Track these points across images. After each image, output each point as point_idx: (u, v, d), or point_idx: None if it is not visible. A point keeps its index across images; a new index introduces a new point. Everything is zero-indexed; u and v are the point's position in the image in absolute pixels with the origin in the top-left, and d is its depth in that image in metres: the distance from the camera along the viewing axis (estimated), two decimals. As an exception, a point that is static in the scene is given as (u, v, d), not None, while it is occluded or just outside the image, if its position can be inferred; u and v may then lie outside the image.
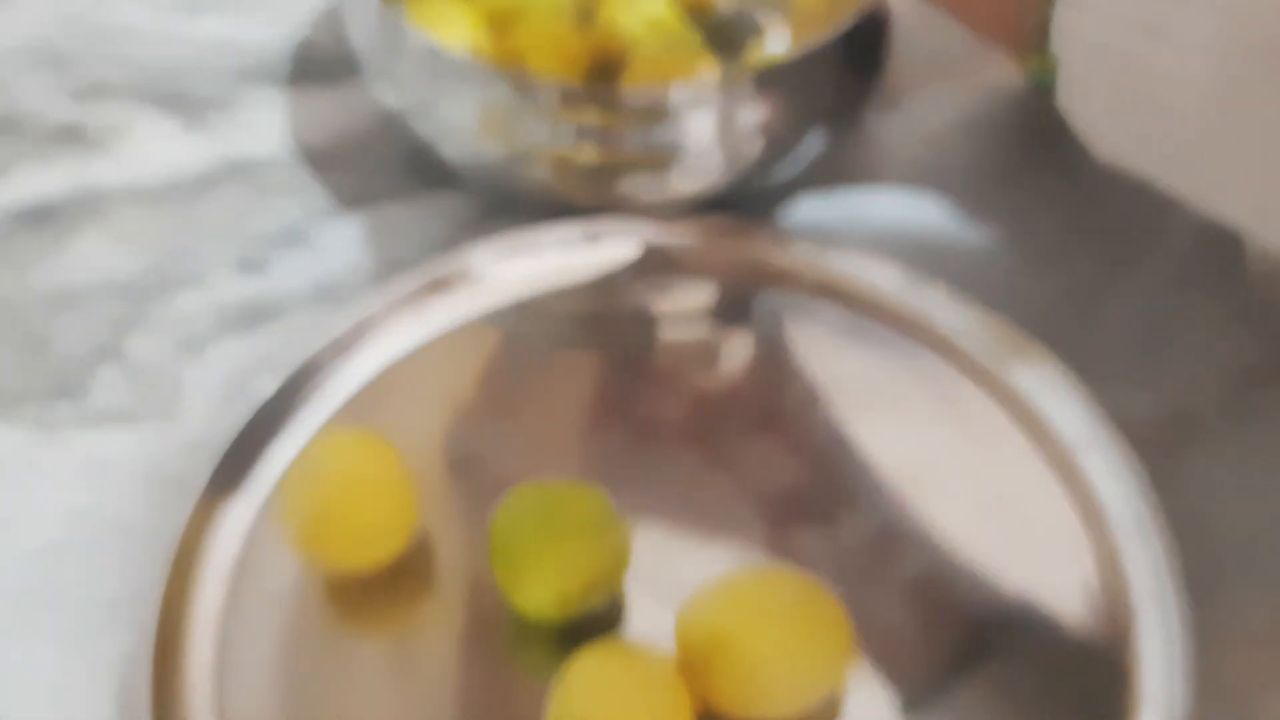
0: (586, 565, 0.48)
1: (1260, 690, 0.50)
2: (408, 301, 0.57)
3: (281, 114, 0.67)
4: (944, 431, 0.55)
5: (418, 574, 0.51)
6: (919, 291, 0.57)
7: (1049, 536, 0.52)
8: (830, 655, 0.47)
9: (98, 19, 0.70)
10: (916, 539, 0.52)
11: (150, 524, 0.53)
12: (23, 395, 0.57)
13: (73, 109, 0.67)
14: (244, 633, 0.50)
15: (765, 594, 0.47)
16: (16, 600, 0.52)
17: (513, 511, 0.49)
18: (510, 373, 0.57)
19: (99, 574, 0.52)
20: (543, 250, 0.59)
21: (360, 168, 0.64)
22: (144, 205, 0.63)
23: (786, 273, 0.59)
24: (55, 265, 0.61)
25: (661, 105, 0.57)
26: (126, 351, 0.58)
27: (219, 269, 0.61)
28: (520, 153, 0.58)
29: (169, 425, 0.56)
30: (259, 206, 0.63)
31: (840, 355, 0.57)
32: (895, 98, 0.67)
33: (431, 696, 0.49)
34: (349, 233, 0.62)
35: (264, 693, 0.49)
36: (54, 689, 0.50)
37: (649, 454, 0.54)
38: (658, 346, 0.58)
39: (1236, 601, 0.51)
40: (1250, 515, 0.54)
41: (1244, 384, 0.57)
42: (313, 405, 0.55)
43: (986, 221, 0.62)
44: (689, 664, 0.46)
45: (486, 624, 0.50)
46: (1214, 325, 0.59)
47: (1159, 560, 0.50)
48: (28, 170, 0.64)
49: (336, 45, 0.69)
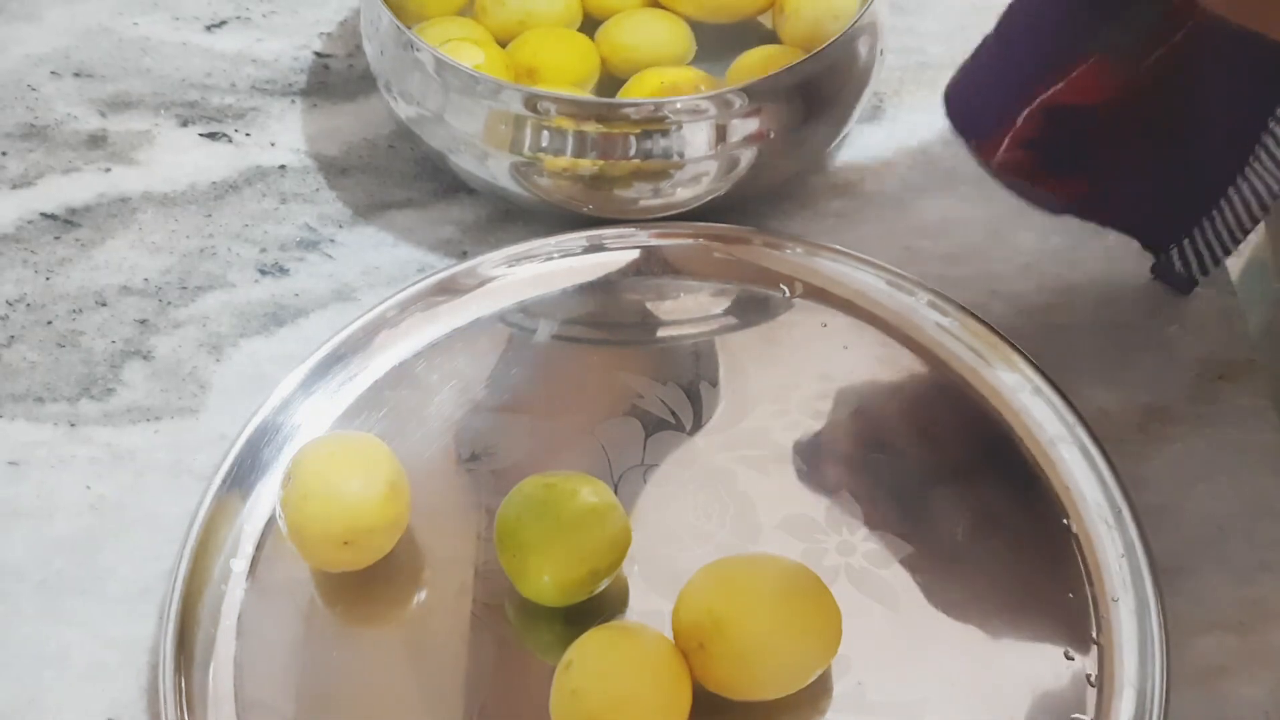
0: (589, 553, 0.49)
1: (1229, 674, 0.51)
2: (419, 303, 0.59)
3: (299, 125, 0.67)
4: (927, 426, 0.56)
5: (428, 563, 0.52)
6: (903, 294, 0.59)
7: (1027, 528, 0.53)
8: (821, 638, 0.48)
9: (121, 33, 0.71)
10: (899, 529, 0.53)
11: (173, 516, 0.54)
12: (51, 393, 0.58)
13: (98, 119, 0.67)
14: (263, 620, 0.51)
15: (759, 579, 0.48)
16: (46, 589, 0.53)
17: (518, 503, 0.50)
18: (516, 371, 0.58)
19: (124, 564, 0.54)
20: (547, 255, 0.60)
21: (374, 177, 0.65)
22: (167, 211, 0.64)
23: (779, 276, 0.60)
24: (82, 269, 0.62)
25: (660, 117, 0.58)
26: (151, 351, 0.59)
27: (239, 272, 0.62)
28: (526, 162, 0.59)
29: (191, 421, 0.57)
30: (278, 213, 0.64)
31: (830, 354, 0.58)
32: (883, 108, 0.67)
33: (442, 679, 0.50)
34: (363, 238, 0.63)
35: (282, 677, 0.50)
36: (81, 674, 0.51)
37: (649, 448, 0.55)
38: (658, 346, 0.59)
39: (1206, 589, 0.52)
40: (1218, 506, 0.55)
41: (1211, 378, 0.58)
42: (329, 401, 0.56)
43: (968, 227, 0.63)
44: (686, 646, 0.47)
45: (494, 610, 0.51)
46: (1182, 322, 0.60)
47: (1132, 549, 0.51)
48: (55, 178, 0.65)
49: (351, 59, 0.70)
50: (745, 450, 0.55)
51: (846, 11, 0.62)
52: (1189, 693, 0.50)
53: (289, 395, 0.56)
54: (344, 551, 0.50)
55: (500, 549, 0.50)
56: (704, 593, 0.48)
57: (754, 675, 0.47)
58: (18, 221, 0.64)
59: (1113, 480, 0.53)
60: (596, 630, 0.48)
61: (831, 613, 0.48)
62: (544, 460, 0.54)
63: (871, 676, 0.50)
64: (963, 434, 0.56)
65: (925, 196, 0.64)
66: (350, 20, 0.71)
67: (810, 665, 0.48)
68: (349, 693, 0.49)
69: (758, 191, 0.62)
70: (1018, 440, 0.55)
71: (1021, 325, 0.58)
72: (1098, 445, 0.54)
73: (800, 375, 0.57)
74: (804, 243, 0.60)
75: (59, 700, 0.51)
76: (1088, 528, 0.52)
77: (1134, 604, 0.50)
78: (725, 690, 0.48)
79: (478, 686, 0.50)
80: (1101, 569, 0.51)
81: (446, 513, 0.53)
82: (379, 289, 0.61)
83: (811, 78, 0.60)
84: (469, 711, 0.49)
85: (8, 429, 0.57)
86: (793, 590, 0.48)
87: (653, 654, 0.47)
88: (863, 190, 0.65)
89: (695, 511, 0.54)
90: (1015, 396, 0.56)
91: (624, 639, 0.48)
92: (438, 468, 0.55)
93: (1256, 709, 0.50)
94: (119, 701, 0.51)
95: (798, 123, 0.60)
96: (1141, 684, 0.49)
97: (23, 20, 0.71)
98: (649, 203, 0.60)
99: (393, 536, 0.51)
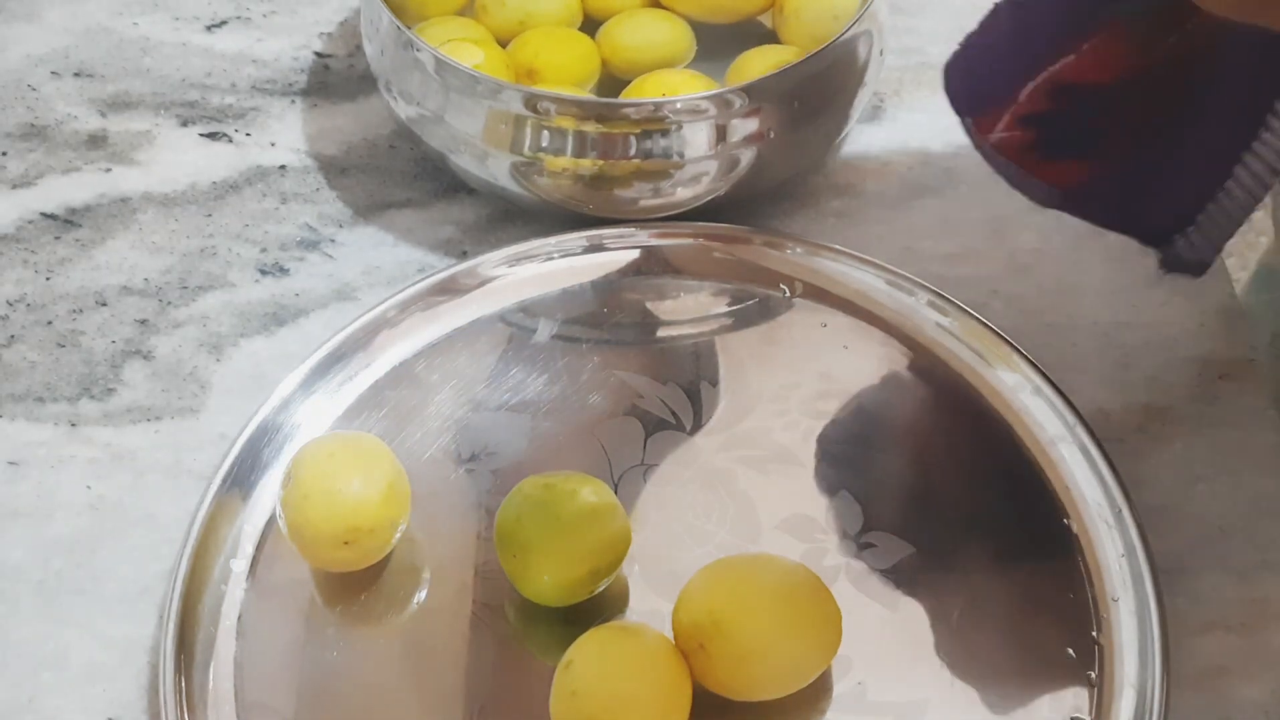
0: (589, 553, 0.49)
1: (1229, 674, 0.51)
2: (419, 303, 0.59)
3: (299, 124, 0.67)
4: (927, 426, 0.56)
5: (428, 563, 0.53)
6: (903, 294, 0.59)
7: (1027, 527, 0.53)
8: (821, 638, 0.48)
9: (121, 33, 0.71)
10: (900, 528, 0.53)
11: (173, 516, 0.54)
12: (51, 393, 0.58)
13: (98, 119, 0.67)
14: (263, 620, 0.51)
15: (759, 579, 0.48)
16: (45, 589, 0.53)
17: (518, 503, 0.50)
18: (516, 371, 0.58)
19: (124, 564, 0.54)
20: (547, 255, 0.60)
21: (374, 177, 0.65)
22: (167, 211, 0.64)
23: (779, 276, 0.60)
24: (82, 269, 0.62)
25: (660, 117, 0.58)
26: (151, 351, 0.59)
27: (240, 272, 0.62)
28: (526, 162, 0.59)
29: (191, 421, 0.57)
30: (278, 213, 0.64)
31: (830, 353, 0.58)
32: (883, 108, 0.67)
33: (442, 679, 0.50)
34: (363, 238, 0.63)
35: (282, 677, 0.50)
36: (81, 675, 0.51)
37: (649, 448, 0.55)
38: (658, 346, 0.59)
39: (1206, 589, 0.53)
40: (1219, 506, 0.55)
41: (1212, 378, 0.58)
42: (329, 401, 0.56)
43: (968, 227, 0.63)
44: (687, 646, 0.48)
45: (494, 610, 0.51)
46: (1182, 322, 0.60)
47: (1132, 549, 0.51)
48: (55, 178, 0.65)
49: (351, 59, 0.70)
50: (745, 450, 0.55)
51: (846, 11, 0.62)
52: (1189, 693, 0.50)
53: (289, 395, 0.56)
54: (344, 551, 0.50)
55: (500, 550, 0.50)
56: (704, 593, 0.48)
57: (754, 676, 0.47)
58: (18, 221, 0.64)
59: (1113, 480, 0.53)
60: (596, 630, 0.48)
61: (831, 613, 0.48)
62: (544, 460, 0.55)
63: (871, 676, 0.50)
64: (963, 434, 0.56)
65: (925, 196, 0.64)
66: (350, 20, 0.71)
67: (810, 665, 0.48)
68: (349, 693, 0.50)
69: (758, 191, 0.62)
70: (1018, 440, 0.55)
71: (1021, 325, 0.58)
72: (1098, 445, 0.54)
73: (800, 375, 0.57)
74: (804, 243, 0.60)
75: (58, 701, 0.51)
76: (1088, 528, 0.52)
77: (1134, 604, 0.50)
78: (725, 691, 0.48)
79: (478, 686, 0.50)
80: (1101, 569, 0.51)
81: (446, 513, 0.54)
82: (379, 289, 0.61)
83: (811, 78, 0.60)
84: (469, 711, 0.49)
85: (8, 429, 0.57)
86: (793, 590, 0.48)
87: (653, 654, 0.47)
88: (863, 190, 0.65)
89: (695, 511, 0.54)
90: (1015, 396, 0.56)
91: (624, 639, 0.48)
92: (438, 468, 0.55)
93: (1256, 709, 0.50)
94: (119, 701, 0.51)
95: (798, 123, 0.60)
96: (1141, 684, 0.49)
97: (23, 20, 0.71)
98: (649, 203, 0.60)
99: (393, 536, 0.51)
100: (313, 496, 0.50)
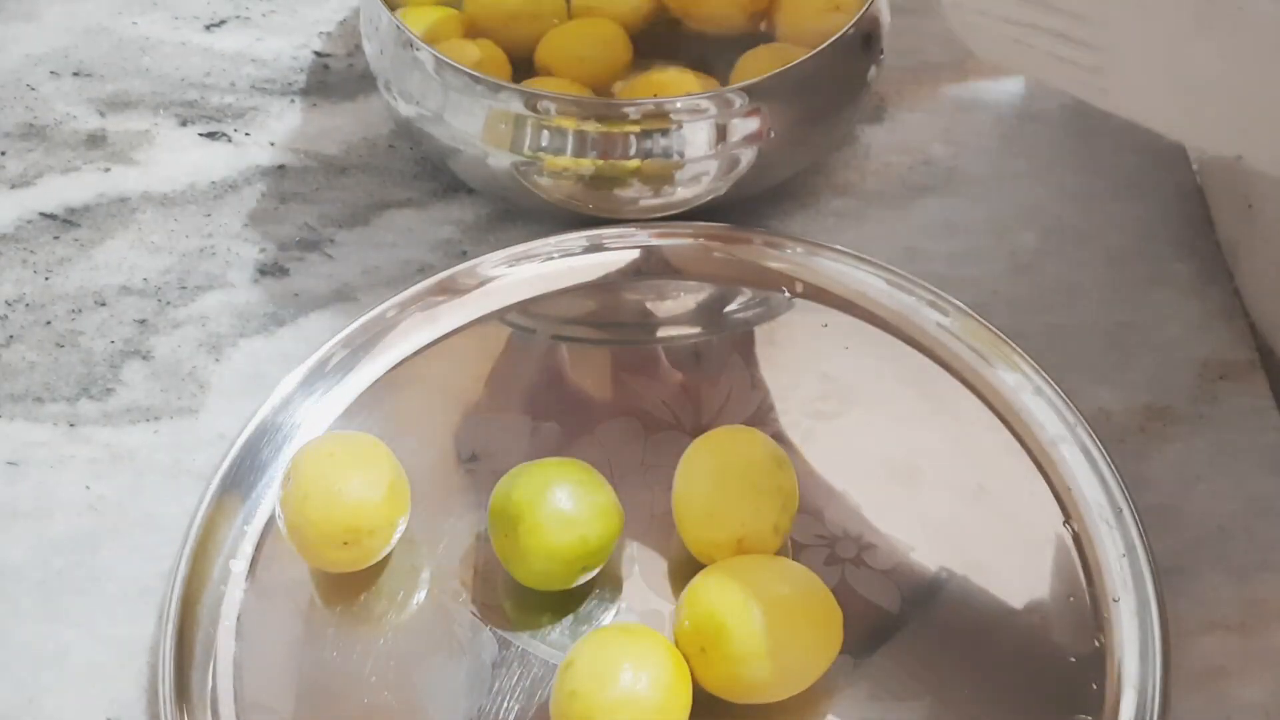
0: (576, 519, 0.49)
1: (1229, 674, 0.51)
2: (419, 303, 0.59)
3: (298, 124, 0.67)
4: (928, 427, 0.56)
5: (428, 563, 0.52)
6: (904, 294, 0.59)
7: (1028, 528, 0.53)
8: (822, 640, 0.48)
9: (121, 32, 0.71)
10: (901, 529, 0.53)
11: (173, 516, 0.54)
12: (50, 393, 0.58)
13: (97, 119, 0.67)
14: (263, 620, 0.51)
15: (761, 582, 0.48)
16: (45, 589, 0.53)
17: (505, 482, 0.50)
18: (516, 371, 0.58)
19: (124, 564, 0.54)
20: (547, 255, 0.60)
21: (374, 176, 0.65)
22: (166, 211, 0.64)
23: (780, 276, 0.60)
24: (81, 269, 0.62)
25: (660, 117, 0.58)
26: (150, 351, 0.59)
27: (239, 272, 0.62)
28: (526, 162, 0.59)
29: (191, 421, 0.57)
30: (277, 213, 0.64)
31: (830, 354, 0.58)
32: (883, 108, 0.68)
33: (441, 679, 0.50)
34: (363, 238, 0.63)
35: (282, 677, 0.50)
36: (81, 675, 0.51)
37: (649, 448, 0.55)
38: (658, 346, 0.59)
39: (1206, 589, 0.52)
40: (1219, 506, 0.55)
41: (1212, 378, 0.58)
42: (329, 401, 0.56)
43: (968, 227, 0.63)
44: (689, 650, 0.48)
45: (494, 610, 0.51)
46: (1182, 322, 0.60)
47: (1133, 549, 0.51)
48: (54, 178, 0.65)
49: (351, 59, 0.70)
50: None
51: (846, 11, 0.62)
52: (1189, 693, 0.50)
53: (289, 395, 0.56)
54: (344, 551, 0.50)
55: (492, 532, 0.50)
56: (706, 597, 0.48)
57: (756, 679, 0.47)
58: (17, 221, 0.64)
59: (1113, 480, 0.53)
60: (596, 630, 0.48)
61: (832, 615, 0.48)
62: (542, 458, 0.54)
63: (871, 677, 0.50)
64: (963, 434, 0.56)
65: (925, 196, 0.64)
66: (350, 20, 0.71)
67: (811, 668, 0.48)
68: (349, 693, 0.49)
69: (758, 191, 0.62)
70: (1018, 440, 0.55)
71: (1022, 325, 0.58)
72: (1098, 445, 0.53)
73: (800, 375, 0.57)
74: (804, 243, 0.60)
75: (58, 701, 0.51)
76: (1088, 528, 0.52)
77: (1134, 604, 0.50)
78: (726, 693, 0.48)
79: (477, 687, 0.50)
80: (1102, 569, 0.51)
81: (446, 513, 0.54)
82: (379, 289, 0.61)
83: (811, 78, 0.60)
84: (468, 712, 0.49)
85: (7, 429, 0.57)
86: (794, 592, 0.48)
87: (653, 655, 0.47)
88: (863, 190, 0.65)
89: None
90: (1016, 396, 0.56)
91: (624, 639, 0.47)
92: (437, 468, 0.55)
93: (1256, 709, 0.50)
94: (119, 701, 0.51)
95: (798, 123, 0.60)
96: (1141, 684, 0.49)
97: (22, 20, 0.72)
98: (649, 203, 0.60)
99: (392, 536, 0.51)
100: (312, 497, 0.50)
